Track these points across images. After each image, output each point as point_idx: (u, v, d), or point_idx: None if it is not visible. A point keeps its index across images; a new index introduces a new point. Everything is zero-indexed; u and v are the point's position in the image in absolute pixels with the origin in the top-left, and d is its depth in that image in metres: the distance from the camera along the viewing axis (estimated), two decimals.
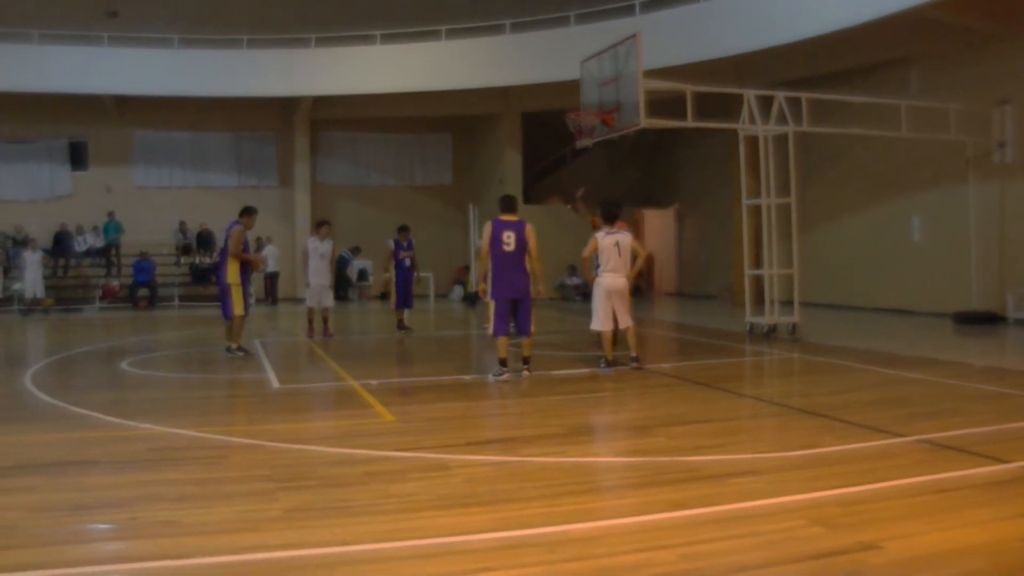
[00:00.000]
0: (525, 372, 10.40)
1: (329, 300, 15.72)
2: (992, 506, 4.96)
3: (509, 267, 10.23)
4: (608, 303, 10.77)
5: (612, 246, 10.76)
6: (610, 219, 11.02)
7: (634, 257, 10.94)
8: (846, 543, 4.34)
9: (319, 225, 16.04)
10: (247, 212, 13.11)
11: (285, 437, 7.11)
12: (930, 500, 5.10)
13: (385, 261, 16.57)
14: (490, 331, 10.40)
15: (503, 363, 10.33)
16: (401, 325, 16.41)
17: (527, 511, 5.01)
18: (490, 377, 10.30)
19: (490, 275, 10.40)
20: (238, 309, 12.65)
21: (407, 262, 16.39)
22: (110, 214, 25.96)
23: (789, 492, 5.25)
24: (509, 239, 10.19)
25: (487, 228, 10.37)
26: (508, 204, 10.54)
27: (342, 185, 29.17)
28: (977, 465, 5.81)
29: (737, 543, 4.44)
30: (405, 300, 16.47)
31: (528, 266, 10.31)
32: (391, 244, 16.35)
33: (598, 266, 10.96)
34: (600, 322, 10.86)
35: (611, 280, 10.77)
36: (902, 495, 5.18)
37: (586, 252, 11.04)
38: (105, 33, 24.69)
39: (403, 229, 16.59)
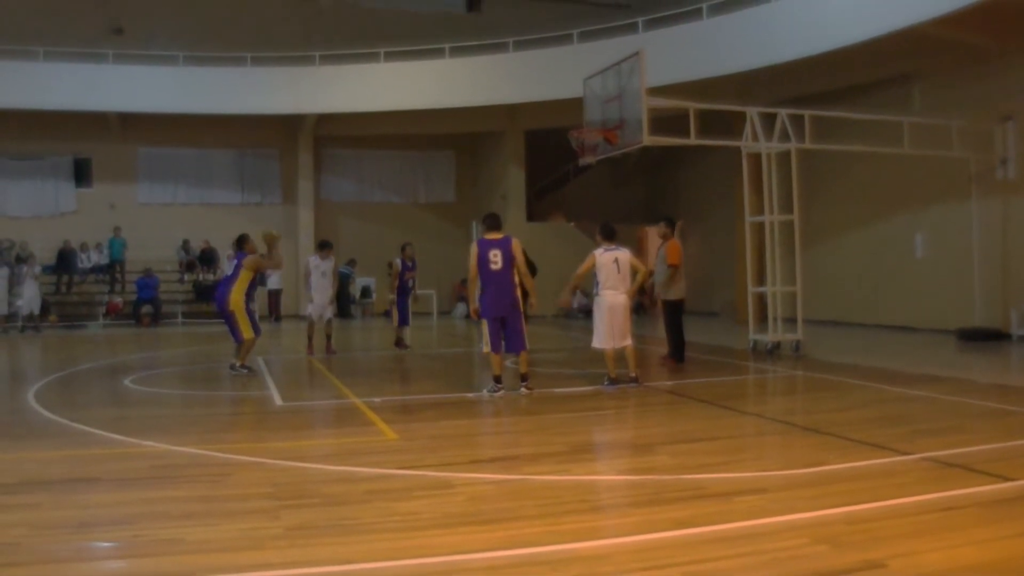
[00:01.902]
0: (523, 389, 10.40)
1: (329, 313, 15.72)
2: (997, 524, 4.95)
3: (495, 285, 10.27)
4: (610, 320, 10.76)
5: (611, 263, 10.76)
6: (609, 236, 11.01)
7: (634, 273, 10.95)
8: (851, 561, 4.33)
9: (322, 246, 16.09)
10: (246, 239, 13.08)
11: (288, 455, 7.11)
12: (935, 518, 5.08)
13: (393, 281, 16.55)
14: (485, 349, 10.45)
15: (497, 380, 10.41)
16: (400, 343, 16.42)
17: (530, 529, 5.00)
18: (485, 393, 10.36)
19: (479, 294, 10.48)
20: (247, 333, 12.64)
21: (410, 283, 16.51)
22: (116, 230, 26.01)
23: (794, 510, 5.24)
24: (496, 257, 10.23)
25: (473, 249, 10.40)
26: (492, 222, 10.55)
27: (346, 202, 29.22)
28: (982, 483, 5.79)
29: (742, 561, 4.43)
30: (405, 318, 16.55)
31: (517, 282, 10.34)
32: (398, 264, 16.37)
33: (598, 283, 10.94)
34: (601, 340, 10.86)
35: (612, 297, 10.77)
36: (907, 513, 5.17)
37: (581, 269, 11.04)
38: (110, 50, 24.82)
39: (407, 247, 16.61)
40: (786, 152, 14.71)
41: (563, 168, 28.78)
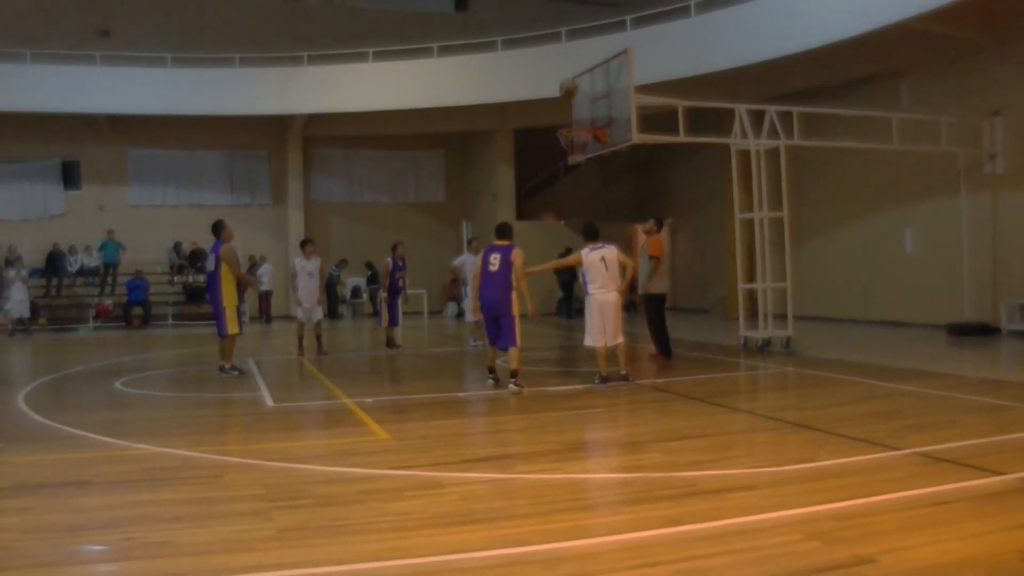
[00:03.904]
0: (511, 386, 10.48)
1: (318, 314, 15.66)
2: (988, 518, 4.97)
3: (487, 285, 10.79)
4: (601, 318, 10.78)
5: (598, 262, 10.80)
6: (592, 235, 11.06)
7: (623, 269, 10.99)
8: (843, 557, 4.34)
9: (303, 244, 16.04)
10: (222, 226, 13.04)
11: (280, 456, 7.10)
12: (926, 513, 5.10)
13: (384, 280, 16.54)
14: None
15: (491, 370, 11.04)
16: (392, 343, 16.41)
17: (522, 528, 5.01)
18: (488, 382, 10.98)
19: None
20: (231, 328, 12.64)
21: (400, 282, 16.57)
22: (109, 233, 25.90)
23: (785, 506, 5.25)
24: (495, 260, 10.75)
25: (481, 254, 11.22)
26: (501, 231, 11.17)
27: (335, 202, 29.19)
28: (973, 477, 5.81)
29: (733, 558, 4.44)
30: (395, 318, 16.58)
31: (514, 284, 10.75)
32: (389, 263, 16.34)
33: (587, 283, 10.99)
34: (594, 338, 10.88)
35: (602, 295, 10.79)
36: (898, 508, 5.19)
37: (565, 260, 11.39)
38: (98, 52, 24.71)
39: (398, 246, 16.61)
40: (775, 149, 14.73)
41: (553, 167, 28.80)
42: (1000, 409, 8.63)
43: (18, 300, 22.73)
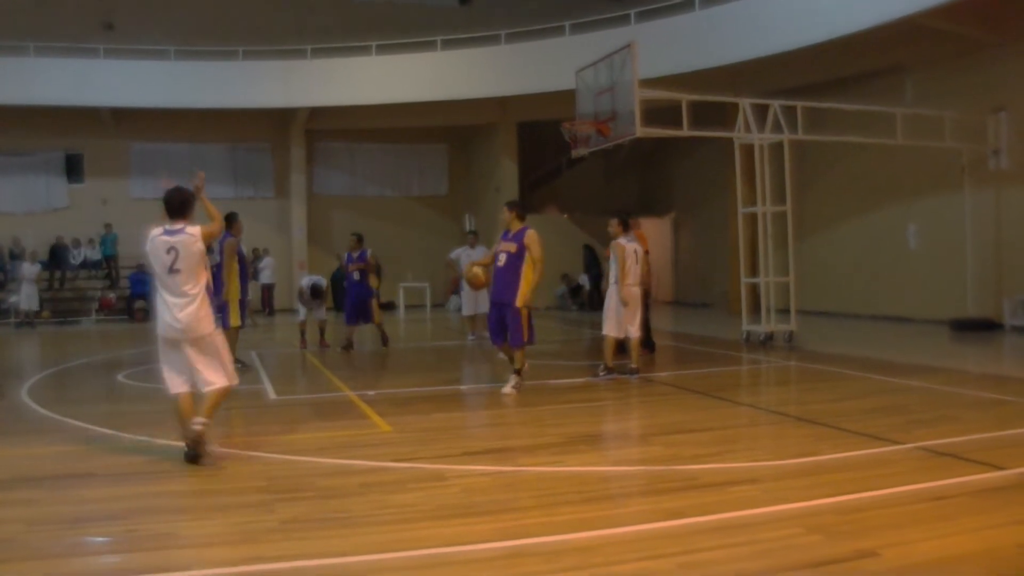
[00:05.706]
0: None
1: (322, 313, 15.66)
2: (989, 513, 4.98)
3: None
4: (629, 310, 10.73)
5: (633, 253, 10.79)
6: (629, 228, 11.03)
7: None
8: (844, 551, 4.35)
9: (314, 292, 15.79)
10: (231, 219, 12.97)
11: (282, 448, 7.11)
12: (928, 507, 5.11)
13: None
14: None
15: (518, 372, 10.20)
16: (346, 344, 15.21)
17: (525, 521, 5.02)
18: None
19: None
20: (234, 320, 12.63)
21: (355, 275, 15.46)
22: (107, 226, 25.91)
23: (787, 500, 5.26)
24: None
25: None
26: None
27: (338, 196, 29.14)
28: (974, 472, 5.82)
29: (735, 551, 4.45)
30: (350, 315, 15.51)
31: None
32: (344, 257, 16.18)
33: (615, 274, 10.86)
34: (616, 328, 10.81)
35: (630, 288, 10.74)
36: (900, 503, 5.19)
37: (621, 258, 10.85)
38: (101, 45, 24.69)
39: (352, 237, 16.00)
40: (779, 143, 14.71)
41: (556, 160, 28.78)
42: (1002, 404, 8.63)
43: (27, 294, 22.78)
